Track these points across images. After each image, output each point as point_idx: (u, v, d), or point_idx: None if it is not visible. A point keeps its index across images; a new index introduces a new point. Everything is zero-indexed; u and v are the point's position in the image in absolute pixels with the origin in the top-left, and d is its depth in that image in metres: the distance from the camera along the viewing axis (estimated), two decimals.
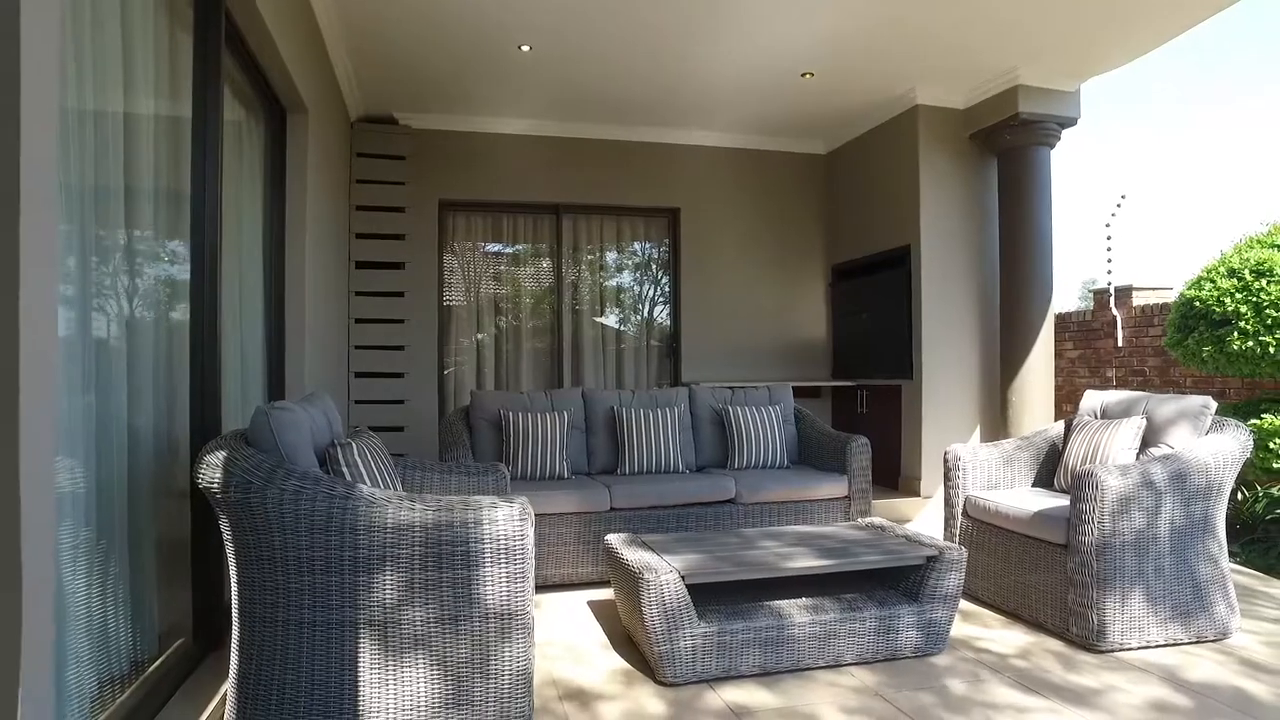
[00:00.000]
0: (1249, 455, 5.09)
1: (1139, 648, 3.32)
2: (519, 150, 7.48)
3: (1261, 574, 4.60)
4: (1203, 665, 3.16)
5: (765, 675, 3.08)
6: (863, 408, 7.71)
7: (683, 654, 3.02)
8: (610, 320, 8.11)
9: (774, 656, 3.10)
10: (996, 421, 6.82)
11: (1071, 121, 6.57)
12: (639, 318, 8.23)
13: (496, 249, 7.79)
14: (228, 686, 2.55)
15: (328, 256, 5.52)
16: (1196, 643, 3.39)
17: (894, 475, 7.07)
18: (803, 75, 6.29)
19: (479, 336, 7.68)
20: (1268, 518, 5.60)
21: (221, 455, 2.45)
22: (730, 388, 5.79)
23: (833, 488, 4.98)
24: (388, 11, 5.14)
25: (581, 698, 2.91)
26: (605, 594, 4.21)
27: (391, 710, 2.47)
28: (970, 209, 6.96)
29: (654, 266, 8.22)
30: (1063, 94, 6.47)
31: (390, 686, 2.46)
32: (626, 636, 3.51)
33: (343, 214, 6.42)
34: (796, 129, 7.81)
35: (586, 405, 5.32)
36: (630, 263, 8.21)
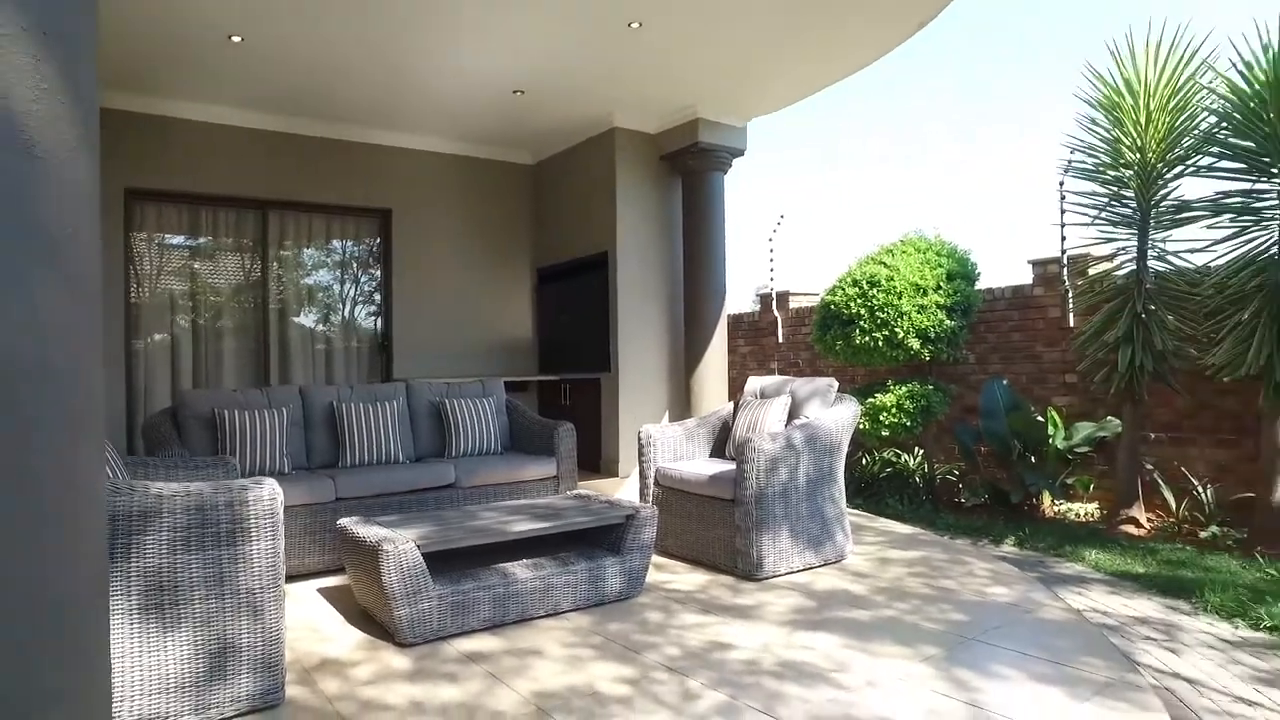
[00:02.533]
0: (862, 424, 6.45)
1: (786, 573, 4.25)
2: (224, 141, 7.16)
3: (872, 514, 5.93)
4: (827, 579, 4.15)
5: (496, 627, 3.52)
6: (566, 399, 8.41)
7: (421, 616, 3.36)
8: (320, 318, 8.02)
9: (502, 610, 3.56)
10: (682, 406, 7.85)
11: (740, 152, 7.77)
12: (350, 316, 8.22)
13: (195, 243, 7.37)
14: None
15: None
16: (824, 565, 4.41)
17: (596, 459, 7.83)
18: (514, 92, 6.81)
19: (167, 335, 7.21)
20: (880, 475, 7.12)
21: None
22: (446, 382, 6.13)
23: (543, 469, 5.54)
24: None
25: (330, 667, 3.15)
26: (335, 581, 4.38)
27: (138, 697, 2.55)
28: (660, 222, 7.93)
29: (365, 266, 8.26)
30: (734, 128, 7.65)
31: (138, 672, 2.55)
32: (363, 613, 3.76)
33: None
34: (507, 140, 8.31)
35: (305, 401, 5.37)
36: (342, 261, 8.18)
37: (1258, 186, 5.25)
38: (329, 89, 6.65)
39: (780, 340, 9.49)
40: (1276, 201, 5.12)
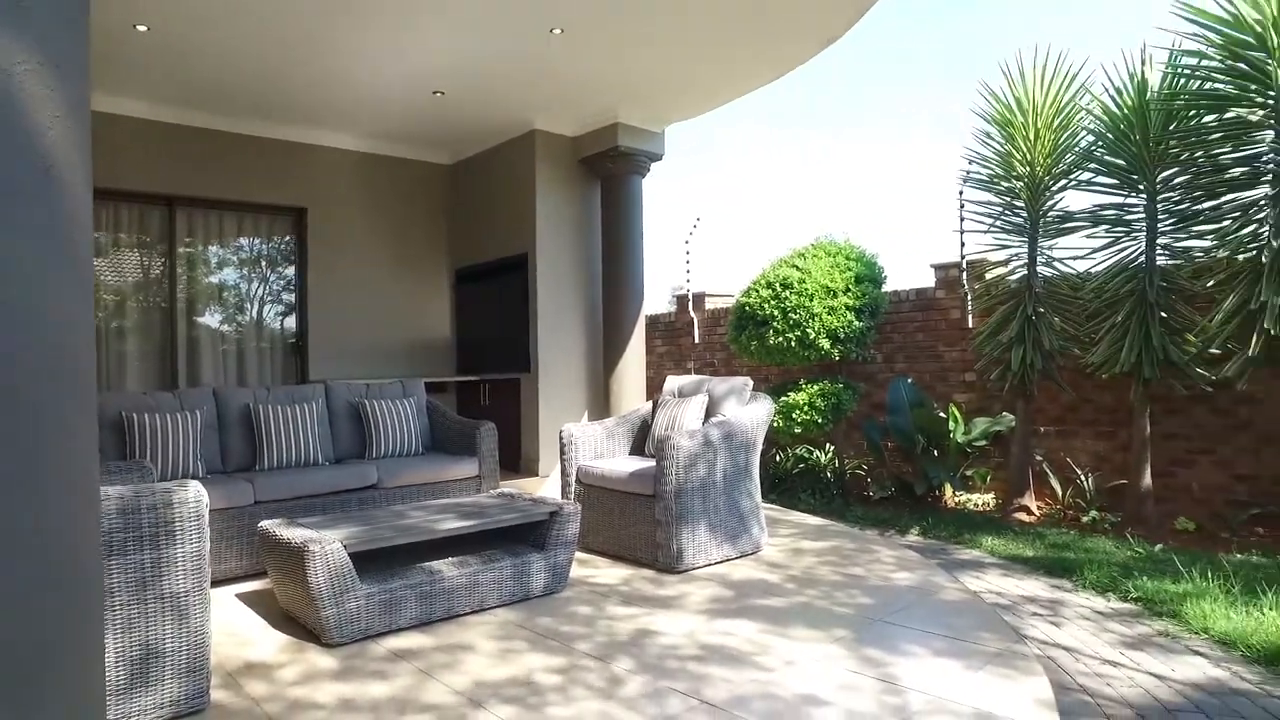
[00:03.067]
0: (776, 421, 6.69)
1: (704, 565, 4.42)
2: (127, 134, 6.89)
3: (785, 508, 6.18)
4: (744, 569, 4.34)
5: (423, 625, 3.57)
6: (485, 400, 8.42)
7: (348, 615, 3.38)
8: (230, 319, 7.80)
9: (429, 608, 3.60)
10: (601, 405, 7.97)
11: (659, 156, 7.94)
12: (262, 316, 8.03)
13: (94, 239, 7.07)
14: None
15: None
16: (740, 557, 4.60)
17: (515, 459, 7.88)
18: (434, 93, 6.79)
19: None
20: (793, 471, 7.39)
21: None
22: (366, 383, 6.08)
23: (465, 469, 5.58)
24: None
25: (256, 670, 3.14)
26: (253, 586, 4.33)
27: None
28: (580, 224, 8.03)
29: (277, 265, 8.08)
30: (652, 134, 7.81)
31: None
32: (285, 616, 3.74)
33: None
34: (425, 139, 8.26)
35: (219, 403, 5.26)
36: (254, 260, 7.97)
37: (1128, 201, 5.72)
38: (241, 83, 6.50)
39: (696, 340, 9.72)
40: (1143, 215, 5.60)
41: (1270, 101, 4.79)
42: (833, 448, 7.54)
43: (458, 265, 8.89)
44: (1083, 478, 6.12)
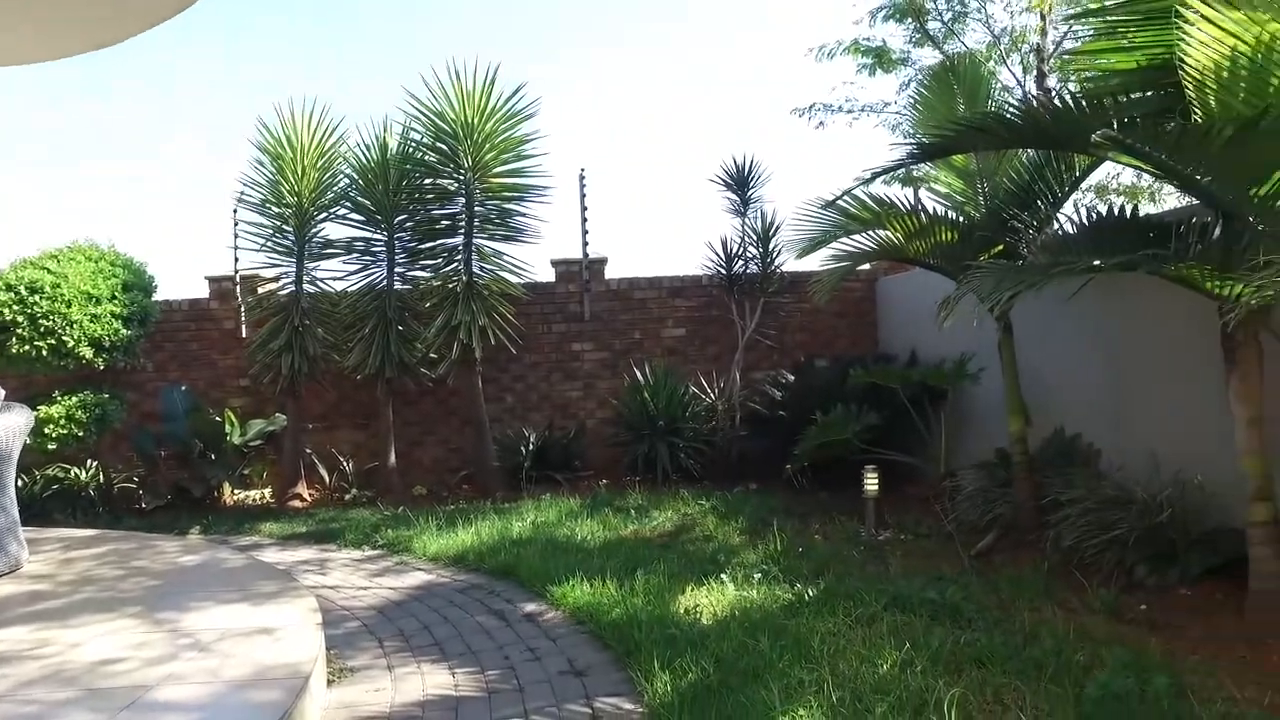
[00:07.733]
0: (29, 437, 6.21)
1: None
2: None
3: (44, 529, 5.78)
4: (4, 588, 4.11)
5: None
6: None
7: None
8: None
9: None
10: None
11: None
12: None
13: None
14: None
15: None
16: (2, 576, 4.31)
17: None
18: None
19: None
20: (44, 494, 6.83)
21: None
22: None
23: None
24: None
25: None
26: None
27: None
28: None
29: None
30: None
31: None
32: None
33: None
34: None
35: None
36: None
37: (375, 236, 7.14)
38: None
39: None
40: (385, 249, 7.06)
41: (461, 176, 6.66)
42: (96, 463, 7.19)
43: None
44: (345, 464, 7.27)
